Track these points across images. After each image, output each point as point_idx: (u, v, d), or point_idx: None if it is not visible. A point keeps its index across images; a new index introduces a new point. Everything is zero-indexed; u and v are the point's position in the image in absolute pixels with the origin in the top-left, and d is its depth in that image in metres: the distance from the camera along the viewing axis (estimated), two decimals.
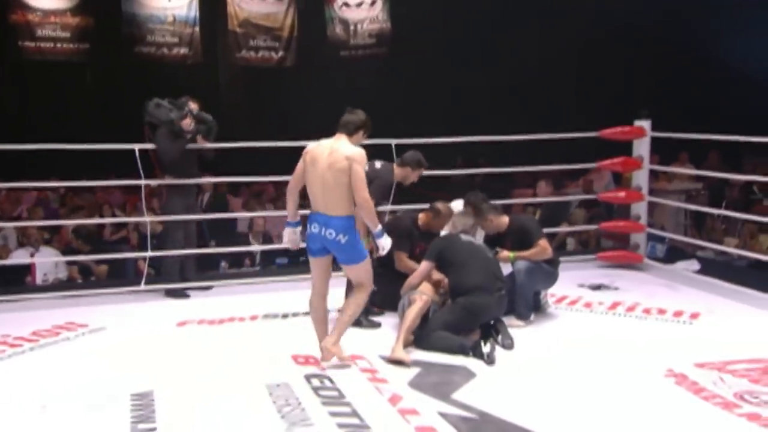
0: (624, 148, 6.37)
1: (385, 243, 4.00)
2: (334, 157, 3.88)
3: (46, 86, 10.48)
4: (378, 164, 4.87)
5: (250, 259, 7.54)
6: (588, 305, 5.24)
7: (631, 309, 5.12)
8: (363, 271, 4.02)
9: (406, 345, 4.31)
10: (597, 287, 5.71)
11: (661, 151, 7.00)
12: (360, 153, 3.90)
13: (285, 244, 4.16)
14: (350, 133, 4.03)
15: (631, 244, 6.39)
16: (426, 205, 5.14)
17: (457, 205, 5.07)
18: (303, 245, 4.11)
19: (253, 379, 3.82)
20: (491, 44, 11.52)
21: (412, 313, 4.23)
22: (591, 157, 6.53)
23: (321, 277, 4.09)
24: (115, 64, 10.75)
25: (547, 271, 4.86)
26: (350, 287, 4.47)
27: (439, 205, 4.99)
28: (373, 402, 3.54)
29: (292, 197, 4.11)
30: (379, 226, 3.99)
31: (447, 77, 11.15)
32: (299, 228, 4.11)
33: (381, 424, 3.28)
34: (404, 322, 4.22)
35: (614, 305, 5.22)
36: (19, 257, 6.67)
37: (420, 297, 4.34)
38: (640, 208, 6.35)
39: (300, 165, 4.03)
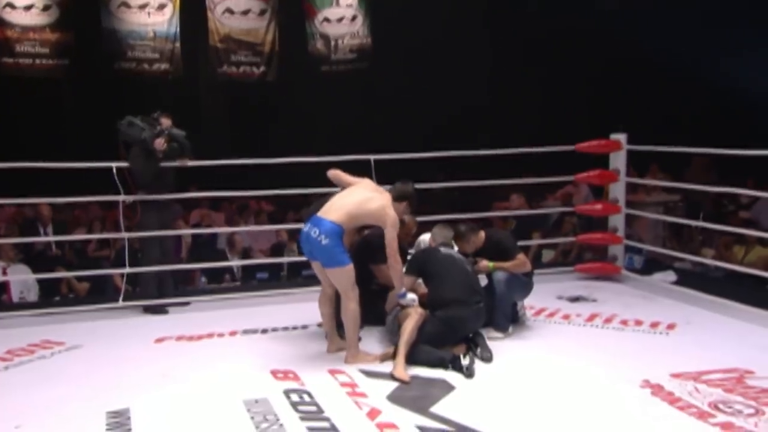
0: (603, 161, 6.45)
1: (410, 300, 4.31)
2: (379, 195, 4.34)
3: (25, 103, 10.40)
4: None
5: (230, 275, 7.51)
6: (566, 317, 5.28)
7: (608, 320, 5.16)
8: (344, 277, 4.17)
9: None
10: (575, 299, 5.75)
11: (637, 163, 7.09)
12: (396, 219, 4.27)
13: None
14: (396, 200, 4.39)
15: (609, 255, 6.45)
16: None
17: (425, 238, 5.10)
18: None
19: (231, 395, 3.79)
20: (471, 59, 11.64)
21: (410, 326, 4.21)
22: (571, 170, 6.60)
23: (324, 280, 4.37)
24: (95, 80, 10.70)
25: (524, 282, 4.90)
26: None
27: (404, 216, 5.01)
28: (351, 416, 3.54)
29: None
30: (404, 289, 4.32)
31: (428, 92, 11.23)
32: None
33: None
34: (402, 336, 4.18)
35: (592, 317, 5.26)
36: None
37: (415, 310, 4.33)
38: (617, 221, 6.42)
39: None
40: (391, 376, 4.01)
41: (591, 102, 10.03)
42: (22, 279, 6.59)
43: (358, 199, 4.29)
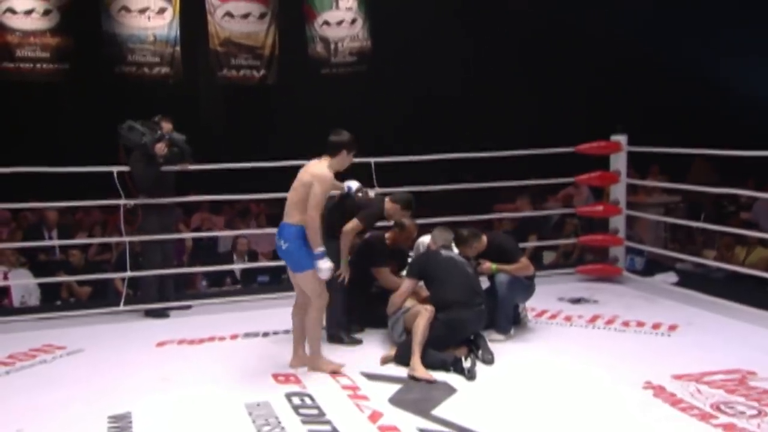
0: (603, 162, 6.45)
1: (324, 266, 4.03)
2: (305, 172, 4.13)
3: (26, 107, 10.40)
4: (371, 193, 5.01)
5: (231, 278, 7.51)
6: (568, 319, 5.28)
7: (610, 322, 5.16)
8: (309, 281, 4.11)
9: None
10: (577, 300, 5.75)
11: (637, 165, 7.09)
12: (324, 174, 4.05)
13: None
14: (332, 154, 4.18)
15: (610, 257, 6.44)
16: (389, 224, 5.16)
17: (424, 241, 5.10)
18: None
19: (232, 398, 3.80)
20: (472, 61, 11.64)
21: (420, 326, 4.21)
22: (571, 171, 6.60)
23: (296, 287, 4.31)
24: (95, 84, 10.70)
25: (526, 284, 4.90)
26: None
27: (404, 220, 5.02)
28: (353, 419, 3.54)
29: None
30: (321, 248, 4.03)
31: (428, 95, 11.23)
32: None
33: None
34: (415, 337, 4.19)
35: (594, 318, 5.25)
36: None
37: (425, 308, 4.33)
38: (618, 222, 6.41)
39: None
40: (412, 378, 4.02)
41: (591, 103, 10.02)
42: (23, 283, 6.58)
43: (294, 186, 4.13)
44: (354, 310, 4.91)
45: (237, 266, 7.38)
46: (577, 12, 10.15)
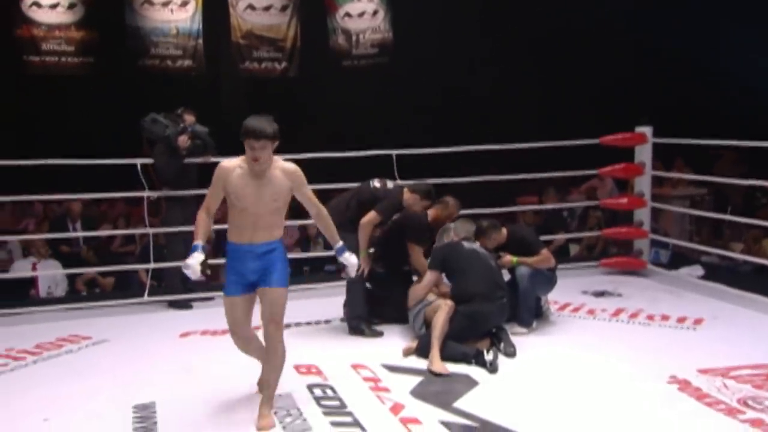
0: (628, 154, 6.37)
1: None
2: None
3: (51, 101, 10.53)
4: (390, 184, 4.89)
5: None
6: (591, 312, 5.23)
7: (634, 315, 5.10)
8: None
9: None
10: (600, 294, 5.70)
11: (662, 156, 6.99)
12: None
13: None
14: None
15: (634, 250, 6.37)
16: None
17: (448, 228, 5.04)
18: None
19: (255, 389, 3.81)
20: (494, 52, 11.54)
21: (440, 320, 4.20)
22: (595, 163, 6.52)
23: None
24: (119, 78, 10.80)
25: (548, 277, 4.87)
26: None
27: (447, 197, 4.98)
28: (374, 411, 3.54)
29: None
30: (341, 243, 3.71)
31: (450, 86, 11.16)
32: None
33: None
34: (434, 330, 4.17)
35: (617, 312, 5.20)
36: (20, 269, 6.69)
37: (445, 302, 4.32)
38: (642, 214, 6.33)
39: None
40: (429, 372, 4.01)
41: (615, 94, 9.90)
42: (50, 274, 6.68)
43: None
44: (376, 303, 4.90)
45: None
46: (601, 2, 10.01)
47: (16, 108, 9.89)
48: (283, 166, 3.48)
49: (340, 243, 3.72)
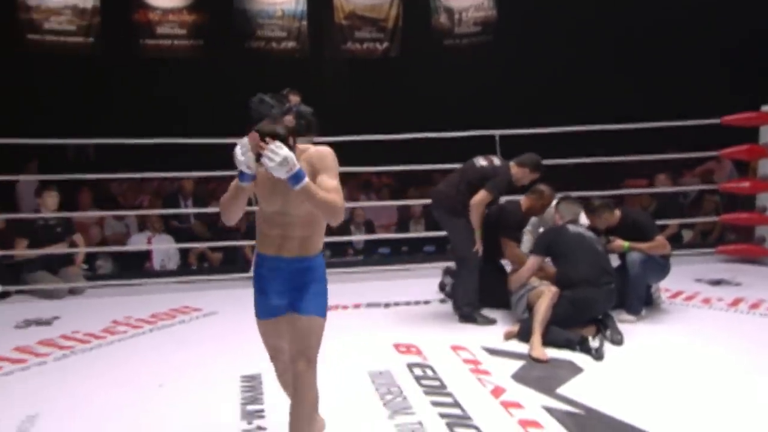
0: (751, 135, 5.96)
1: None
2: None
3: (166, 83, 11.02)
4: (496, 161, 4.78)
5: (353, 249, 7.65)
6: (706, 301, 4.95)
7: (755, 306, 4.79)
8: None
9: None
10: (717, 282, 5.39)
11: None
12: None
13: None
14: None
15: (755, 237, 5.98)
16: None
17: (550, 211, 4.90)
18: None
19: (356, 366, 3.87)
20: (602, 30, 11.06)
21: (544, 305, 4.13)
22: (711, 145, 6.15)
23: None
24: (227, 59, 11.17)
25: (661, 264, 4.63)
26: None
27: (542, 186, 4.85)
28: (475, 393, 3.50)
29: None
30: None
31: (555, 65, 10.82)
32: None
33: (483, 416, 3.23)
34: (536, 316, 4.11)
35: (736, 302, 4.90)
36: (137, 242, 7.07)
37: (549, 288, 4.24)
38: (766, 199, 5.93)
39: None
40: (529, 357, 3.94)
41: (737, 73, 9.26)
42: (164, 248, 7.03)
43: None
44: (479, 290, 4.84)
45: (360, 237, 7.50)
46: None
47: (135, 90, 10.43)
48: (310, 155, 2.65)
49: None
